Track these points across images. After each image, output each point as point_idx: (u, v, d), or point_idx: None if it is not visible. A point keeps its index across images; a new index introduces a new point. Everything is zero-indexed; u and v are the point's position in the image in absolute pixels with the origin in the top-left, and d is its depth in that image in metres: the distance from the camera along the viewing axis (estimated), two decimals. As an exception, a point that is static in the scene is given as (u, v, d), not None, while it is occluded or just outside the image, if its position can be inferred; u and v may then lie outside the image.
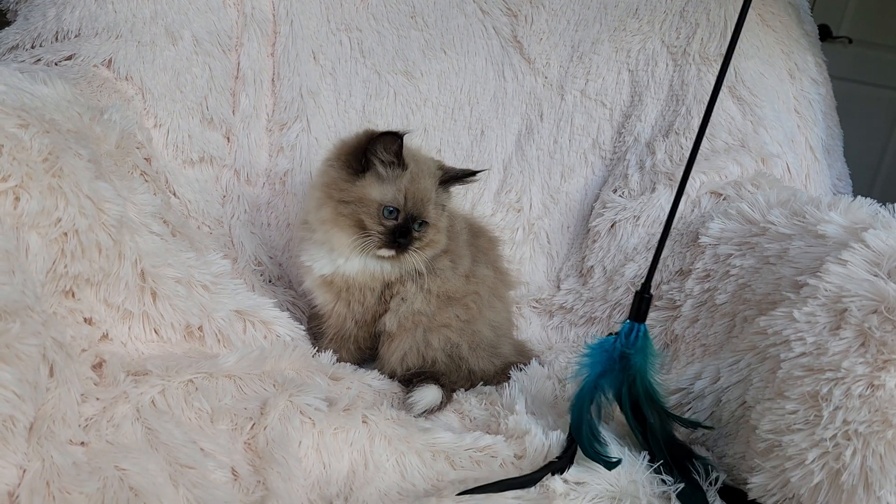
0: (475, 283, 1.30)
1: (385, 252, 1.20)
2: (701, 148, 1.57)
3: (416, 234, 1.21)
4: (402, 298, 1.26)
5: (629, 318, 1.05)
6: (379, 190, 1.19)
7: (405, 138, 1.18)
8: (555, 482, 0.98)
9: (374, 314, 1.29)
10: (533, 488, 0.99)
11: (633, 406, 1.07)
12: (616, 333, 1.06)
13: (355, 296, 1.27)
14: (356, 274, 1.25)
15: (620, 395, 1.07)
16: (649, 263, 1.07)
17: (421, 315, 1.26)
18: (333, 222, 1.20)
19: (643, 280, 1.06)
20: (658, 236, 1.51)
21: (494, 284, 1.34)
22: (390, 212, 1.19)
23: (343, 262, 1.24)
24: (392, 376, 1.29)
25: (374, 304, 1.28)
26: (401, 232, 1.19)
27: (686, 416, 1.15)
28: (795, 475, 0.88)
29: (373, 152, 1.18)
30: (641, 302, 1.05)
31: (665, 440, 1.05)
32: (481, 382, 1.33)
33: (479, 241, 1.35)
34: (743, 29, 1.64)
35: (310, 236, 1.27)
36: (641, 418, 1.06)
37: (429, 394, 1.19)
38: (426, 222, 1.22)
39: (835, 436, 0.86)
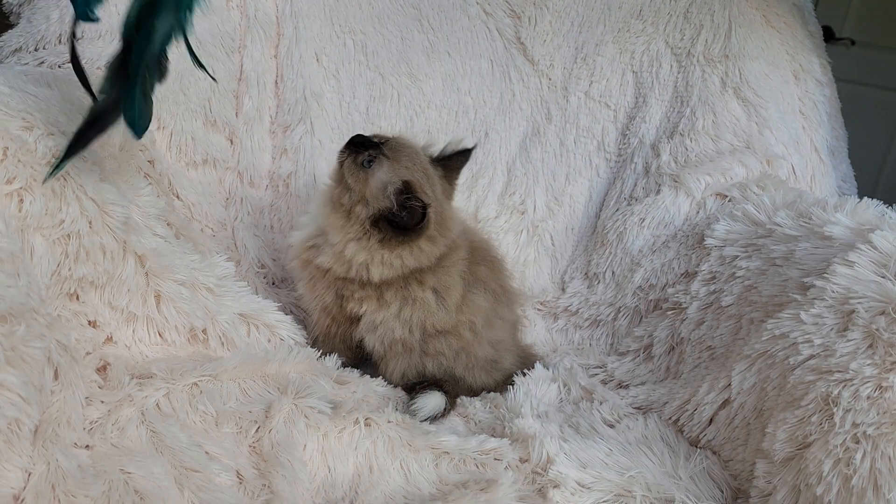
0: (469, 313, 1.24)
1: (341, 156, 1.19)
2: (705, 149, 1.60)
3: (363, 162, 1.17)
4: (374, 323, 1.22)
5: None
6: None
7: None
8: (563, 479, 0.99)
9: (345, 314, 1.25)
10: (534, 492, 0.99)
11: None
12: None
13: (310, 280, 1.25)
14: (299, 244, 1.24)
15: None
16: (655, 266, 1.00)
17: (408, 343, 1.23)
18: None
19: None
20: (663, 238, 1.52)
21: (493, 308, 1.28)
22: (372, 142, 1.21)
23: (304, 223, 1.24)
24: (395, 386, 1.28)
25: (332, 302, 1.24)
26: (360, 138, 1.19)
27: (693, 421, 1.15)
28: (819, 489, 0.86)
29: None
30: None
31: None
32: (483, 392, 1.32)
33: (479, 269, 1.28)
34: (748, 29, 1.66)
35: None
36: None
37: (432, 400, 1.19)
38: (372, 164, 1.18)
39: (845, 440, 0.85)
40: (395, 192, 1.15)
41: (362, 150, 1.18)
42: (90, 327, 1.05)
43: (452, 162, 1.29)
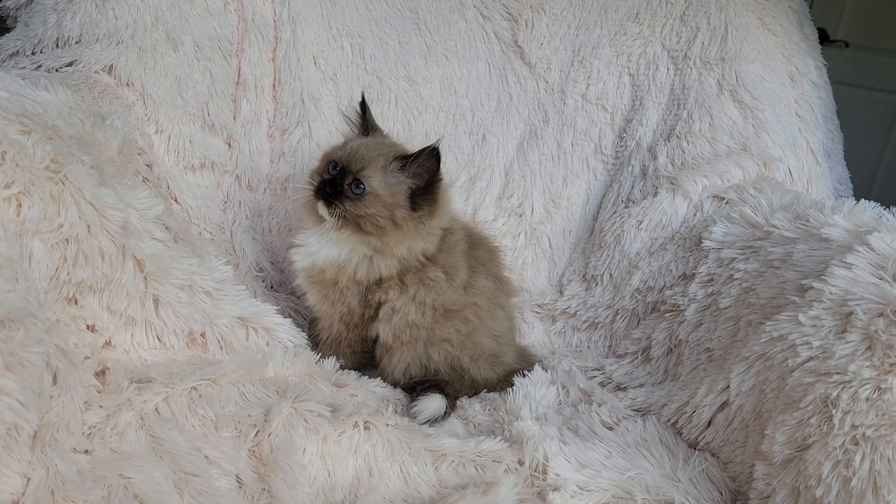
0: (474, 295, 1.28)
1: (321, 209, 1.20)
2: (702, 152, 1.60)
3: (350, 195, 1.18)
4: (393, 309, 1.25)
5: None
6: (334, 148, 1.26)
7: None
8: (562, 482, 0.99)
9: (362, 317, 1.28)
10: (534, 494, 0.99)
11: None
12: None
13: (335, 294, 1.26)
14: (325, 265, 1.24)
15: None
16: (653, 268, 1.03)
17: (418, 328, 1.25)
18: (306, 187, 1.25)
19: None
20: (661, 241, 1.53)
21: (494, 294, 1.33)
22: (334, 166, 1.22)
23: (316, 248, 1.25)
24: (395, 385, 1.29)
25: (358, 307, 1.27)
26: (329, 183, 1.20)
27: (692, 423, 1.15)
28: (819, 491, 0.86)
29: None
30: None
31: None
32: (485, 390, 1.33)
33: (477, 251, 1.34)
34: (744, 32, 1.67)
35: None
36: None
37: (433, 403, 1.19)
38: (362, 185, 1.18)
39: (844, 442, 0.85)
40: (399, 171, 1.20)
41: (338, 194, 1.19)
42: (89, 332, 1.05)
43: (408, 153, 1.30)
